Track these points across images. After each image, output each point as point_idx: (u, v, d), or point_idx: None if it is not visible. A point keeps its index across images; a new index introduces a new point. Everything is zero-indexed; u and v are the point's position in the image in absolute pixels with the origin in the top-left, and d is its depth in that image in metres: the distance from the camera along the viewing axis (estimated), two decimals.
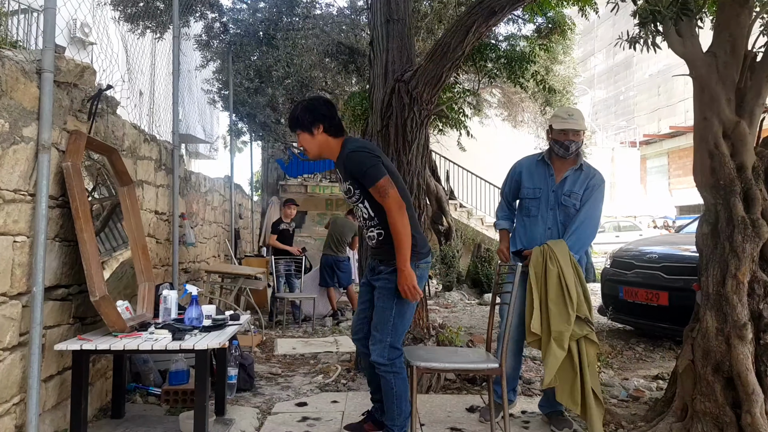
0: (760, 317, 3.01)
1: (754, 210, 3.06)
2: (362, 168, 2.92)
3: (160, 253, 4.83)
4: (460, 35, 3.97)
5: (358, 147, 3.01)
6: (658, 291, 5.47)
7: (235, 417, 3.60)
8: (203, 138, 14.61)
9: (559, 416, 3.53)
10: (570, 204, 3.53)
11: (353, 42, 8.41)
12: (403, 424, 3.00)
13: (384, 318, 3.00)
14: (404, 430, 3.01)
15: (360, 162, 2.93)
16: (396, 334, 2.98)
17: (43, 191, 2.77)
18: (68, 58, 3.14)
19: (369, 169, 2.90)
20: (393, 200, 2.89)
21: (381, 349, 2.97)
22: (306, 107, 3.06)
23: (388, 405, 3.01)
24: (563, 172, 3.58)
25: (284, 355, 5.67)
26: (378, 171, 2.90)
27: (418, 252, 3.01)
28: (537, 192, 3.61)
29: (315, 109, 3.04)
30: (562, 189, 3.55)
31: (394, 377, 2.96)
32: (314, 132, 3.03)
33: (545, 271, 3.37)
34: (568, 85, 10.20)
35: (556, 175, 3.59)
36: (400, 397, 2.98)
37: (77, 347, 2.91)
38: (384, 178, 2.89)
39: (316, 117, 3.02)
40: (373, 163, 2.92)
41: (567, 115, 3.57)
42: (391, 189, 2.90)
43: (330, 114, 3.04)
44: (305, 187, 14.98)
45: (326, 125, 3.02)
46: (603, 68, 32.53)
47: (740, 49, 3.19)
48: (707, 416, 3.00)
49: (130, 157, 4.11)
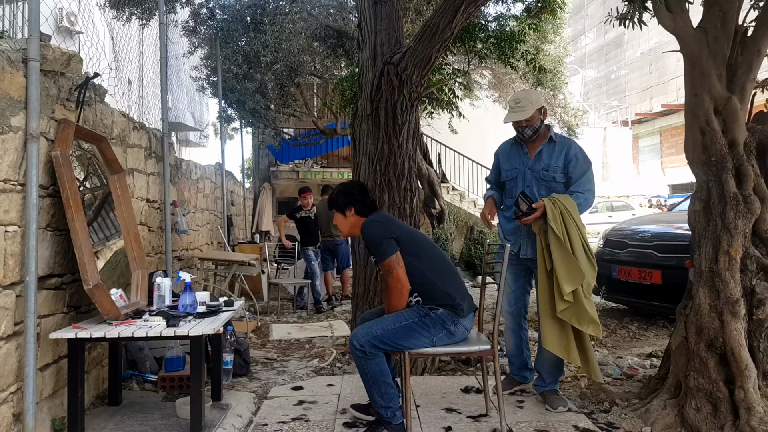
0: (752, 293, 3.03)
1: (745, 186, 3.07)
2: (373, 244, 3.06)
3: (153, 241, 4.82)
4: (448, 16, 3.93)
5: (371, 220, 3.16)
6: (651, 269, 5.50)
7: (232, 402, 3.61)
8: (193, 125, 14.53)
9: (554, 395, 3.56)
10: (550, 177, 3.59)
11: (341, 25, 8.34)
12: (387, 405, 3.00)
13: (396, 320, 3.01)
14: (390, 410, 3.00)
15: (371, 236, 3.07)
16: (387, 338, 2.97)
17: (33, 181, 2.76)
18: (54, 47, 3.11)
19: (378, 247, 3.02)
20: (396, 280, 3.00)
21: (365, 335, 2.97)
22: (341, 191, 3.30)
23: (368, 389, 3.04)
24: (536, 148, 3.67)
25: (279, 341, 5.68)
26: (387, 250, 3.00)
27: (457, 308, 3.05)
28: (514, 172, 3.72)
29: (349, 193, 3.26)
30: (539, 164, 3.62)
31: (365, 361, 2.97)
32: (347, 213, 3.25)
33: (564, 222, 3.34)
34: (558, 65, 10.16)
35: (530, 152, 3.69)
36: (377, 379, 2.98)
37: (72, 335, 2.91)
38: (391, 258, 2.99)
39: (348, 200, 3.24)
40: (382, 240, 3.02)
41: (515, 104, 3.66)
42: (398, 269, 2.99)
43: (362, 198, 3.25)
44: (297, 173, 14.95)
45: (357, 208, 3.23)
46: (594, 47, 32.46)
47: (731, 23, 3.18)
48: (700, 392, 3.02)
49: (119, 146, 4.08)
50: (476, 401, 3.63)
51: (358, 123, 4.65)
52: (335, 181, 14.88)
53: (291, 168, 15.09)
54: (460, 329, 3.06)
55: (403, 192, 4.47)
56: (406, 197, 4.50)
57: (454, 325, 3.03)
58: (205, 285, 6.41)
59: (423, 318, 3.01)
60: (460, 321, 3.05)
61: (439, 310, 3.02)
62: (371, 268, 4.48)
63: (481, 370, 3.65)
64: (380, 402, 3.00)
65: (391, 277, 2.99)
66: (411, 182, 4.55)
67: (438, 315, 3.01)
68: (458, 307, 3.03)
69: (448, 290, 3.04)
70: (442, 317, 3.01)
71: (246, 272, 6.97)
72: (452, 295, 3.04)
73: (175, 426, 3.19)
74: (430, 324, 3.00)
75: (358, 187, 3.32)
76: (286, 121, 12.59)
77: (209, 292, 3.71)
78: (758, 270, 3.06)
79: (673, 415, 3.10)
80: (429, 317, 3.01)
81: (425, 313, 3.02)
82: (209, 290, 5.73)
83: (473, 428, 3.23)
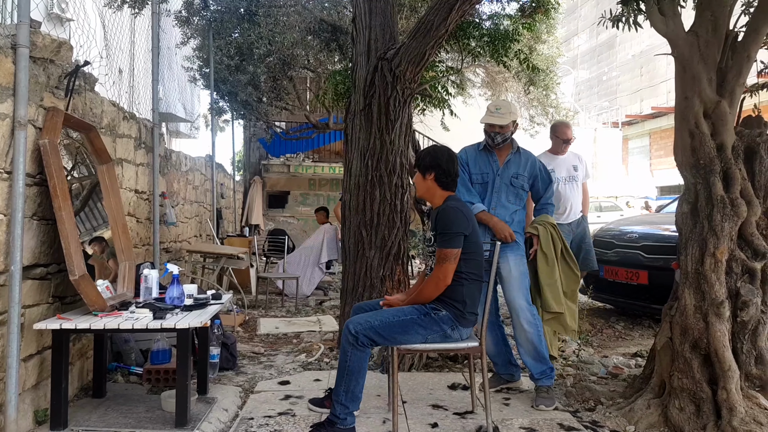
0: (737, 295, 3.05)
1: (733, 189, 3.09)
2: (445, 230, 3.01)
3: (141, 232, 4.79)
4: (443, 13, 3.93)
5: (456, 206, 3.09)
6: (638, 270, 5.54)
7: (218, 396, 3.60)
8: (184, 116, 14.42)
9: (544, 393, 3.56)
10: (519, 185, 3.78)
11: (336, 19, 8.30)
12: (346, 404, 2.96)
13: (395, 314, 3.02)
14: (346, 411, 2.97)
15: (448, 223, 3.02)
16: (384, 330, 2.96)
17: (20, 169, 2.73)
18: (44, 34, 3.07)
19: (448, 236, 2.99)
20: (443, 272, 2.98)
21: (363, 323, 2.97)
22: (429, 152, 3.22)
23: (338, 379, 3.00)
24: (504, 156, 3.81)
25: (267, 335, 5.67)
26: (454, 242, 2.98)
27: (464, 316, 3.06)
28: (484, 176, 3.81)
29: (436, 158, 3.16)
30: (508, 172, 3.78)
31: (353, 350, 2.94)
32: (426, 176, 3.15)
33: (553, 246, 3.75)
34: (551, 65, 10.19)
35: (500, 160, 3.81)
36: (351, 374, 2.96)
37: (57, 326, 2.88)
38: (451, 251, 2.97)
39: (432, 165, 3.14)
40: (456, 231, 2.99)
41: (495, 109, 3.78)
42: (451, 264, 2.97)
43: (447, 168, 3.13)
44: (288, 167, 14.90)
45: (437, 174, 3.13)
46: (586, 48, 32.52)
47: (722, 28, 3.20)
48: (684, 392, 3.05)
49: (108, 135, 4.05)
50: (463, 398, 3.64)
51: (351, 118, 4.65)
52: (326, 175, 14.87)
53: (282, 162, 15.03)
54: (456, 335, 3.07)
55: (394, 188, 4.48)
56: (398, 193, 4.50)
57: (452, 329, 3.04)
58: (193, 278, 6.39)
59: (423, 316, 3.01)
60: (459, 327, 3.06)
61: (442, 312, 3.02)
62: (361, 263, 4.49)
63: (468, 367, 3.66)
64: (342, 398, 2.97)
65: (440, 267, 2.98)
66: (402, 178, 4.56)
67: (439, 317, 3.02)
68: (466, 315, 3.05)
69: (467, 299, 3.05)
70: (443, 319, 3.02)
71: (234, 265, 6.95)
72: (468, 303, 3.05)
73: (159, 419, 3.17)
74: (429, 324, 3.01)
75: (447, 156, 3.18)
76: (278, 114, 12.55)
77: (197, 285, 3.69)
78: (743, 272, 3.09)
79: (656, 414, 3.12)
80: (429, 317, 3.01)
81: (426, 312, 3.02)
82: (197, 283, 5.70)
83: (459, 425, 3.24)
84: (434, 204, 3.22)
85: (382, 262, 4.45)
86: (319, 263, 8.41)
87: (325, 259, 8.41)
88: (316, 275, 8.44)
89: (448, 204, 3.10)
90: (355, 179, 4.56)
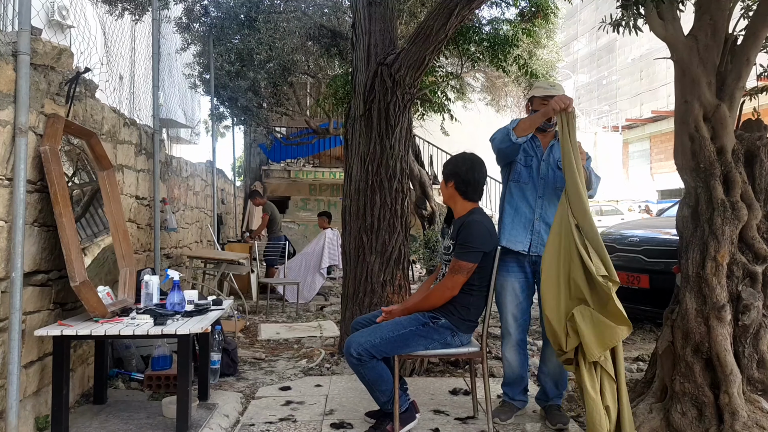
0: (738, 299, 3.04)
1: (733, 193, 3.09)
2: (466, 243, 3.01)
3: (142, 238, 4.79)
4: (442, 18, 3.94)
5: (482, 221, 3.09)
6: (639, 274, 5.52)
7: (219, 402, 3.60)
8: (184, 122, 14.43)
9: (556, 411, 3.40)
10: (559, 176, 3.36)
11: (335, 25, 8.32)
12: (389, 399, 3.06)
13: (395, 328, 3.03)
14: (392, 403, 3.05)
15: (470, 238, 3.01)
16: (385, 347, 2.99)
17: (20, 175, 2.73)
18: (45, 41, 3.08)
19: (468, 249, 3.00)
20: (452, 282, 3.01)
21: (363, 343, 2.99)
22: (452, 160, 3.26)
23: (371, 393, 3.10)
24: (548, 142, 3.51)
25: (268, 340, 5.66)
26: (471, 257, 2.99)
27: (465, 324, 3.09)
28: (529, 160, 3.48)
29: (456, 165, 3.19)
30: (553, 157, 3.45)
31: (362, 367, 3.00)
32: (447, 184, 3.20)
33: None
34: (550, 70, 10.18)
35: (543, 145, 3.51)
36: (375, 382, 3.03)
37: (58, 333, 2.88)
38: (467, 264, 2.99)
39: (451, 173, 3.17)
40: (475, 248, 3.00)
41: (549, 86, 3.57)
42: (462, 276, 3.00)
43: (465, 177, 3.14)
44: (288, 172, 14.89)
45: (457, 182, 3.15)
46: (586, 52, 32.57)
47: (721, 32, 3.20)
48: (686, 396, 3.04)
49: (109, 141, 4.05)
50: (464, 403, 3.64)
51: (351, 123, 4.65)
52: (327, 181, 14.87)
53: (282, 167, 15.02)
54: (456, 341, 3.09)
55: (394, 193, 4.48)
56: (398, 198, 4.50)
57: (452, 336, 3.07)
58: (194, 283, 6.38)
59: (422, 327, 3.03)
60: (459, 333, 3.08)
61: (441, 321, 3.03)
62: (361, 268, 4.48)
63: (469, 372, 3.65)
64: (383, 398, 3.07)
65: (452, 278, 3.01)
66: (402, 183, 4.56)
67: (439, 325, 3.03)
68: (467, 324, 3.08)
69: (472, 307, 3.08)
70: (443, 327, 3.04)
71: (235, 271, 6.94)
72: (472, 311, 3.08)
73: (160, 425, 3.17)
74: (429, 333, 3.03)
75: (468, 165, 3.15)
76: (279, 119, 12.55)
77: (198, 291, 3.68)
78: (744, 276, 3.08)
79: (659, 418, 3.11)
80: (428, 326, 3.03)
81: (425, 322, 3.04)
82: (198, 289, 5.70)
83: (460, 430, 3.24)
84: (455, 212, 3.22)
85: (382, 267, 4.45)
86: (319, 268, 8.42)
87: (326, 264, 8.42)
88: (317, 280, 8.44)
89: (474, 218, 3.10)
90: (355, 184, 4.56)
